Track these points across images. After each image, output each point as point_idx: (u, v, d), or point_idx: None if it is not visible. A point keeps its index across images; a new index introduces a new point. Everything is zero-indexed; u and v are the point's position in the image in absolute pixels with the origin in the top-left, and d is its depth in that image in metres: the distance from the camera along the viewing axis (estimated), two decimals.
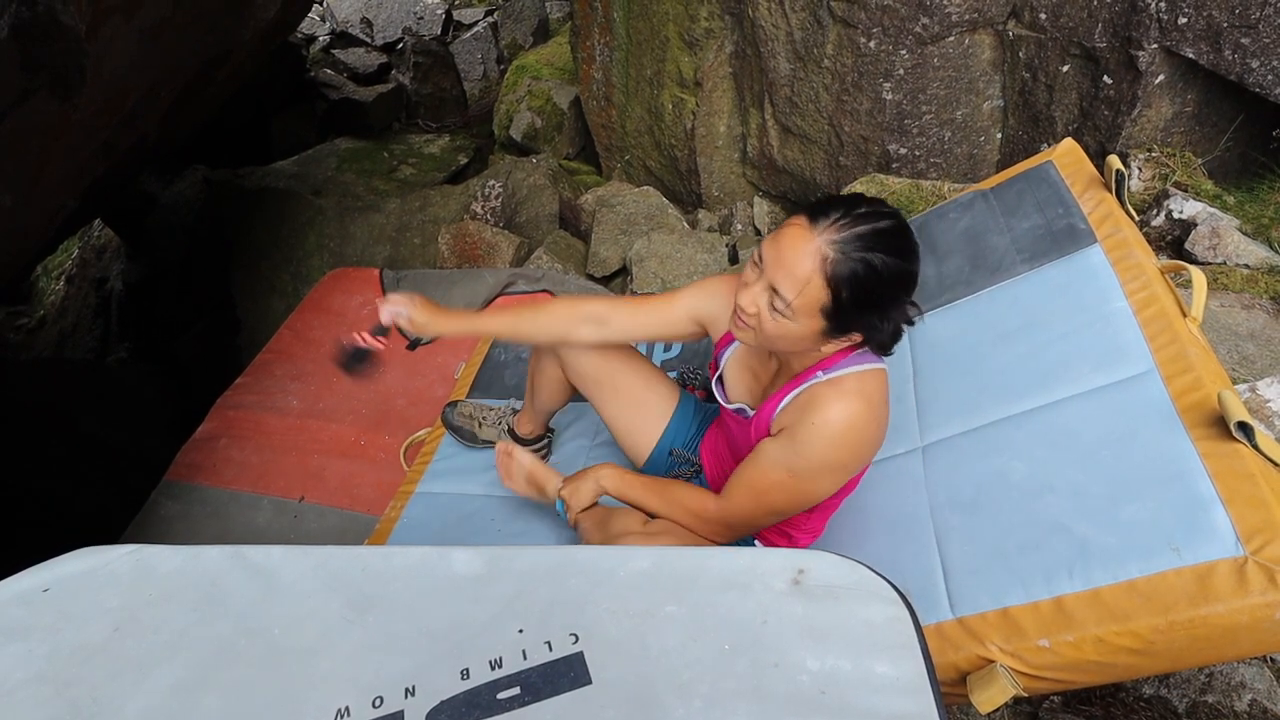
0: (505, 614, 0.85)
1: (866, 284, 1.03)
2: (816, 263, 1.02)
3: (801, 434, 1.15)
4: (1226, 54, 2.28)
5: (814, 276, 1.03)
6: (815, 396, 1.15)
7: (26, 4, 1.47)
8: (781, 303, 1.05)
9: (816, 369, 1.17)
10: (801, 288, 1.03)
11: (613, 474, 1.44)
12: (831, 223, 1.03)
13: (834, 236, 1.02)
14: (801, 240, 1.04)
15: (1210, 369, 1.20)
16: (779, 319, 1.07)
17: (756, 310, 1.09)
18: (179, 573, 0.97)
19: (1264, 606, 0.94)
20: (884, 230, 1.04)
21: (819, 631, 0.75)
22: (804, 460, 1.15)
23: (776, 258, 1.06)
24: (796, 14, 3.11)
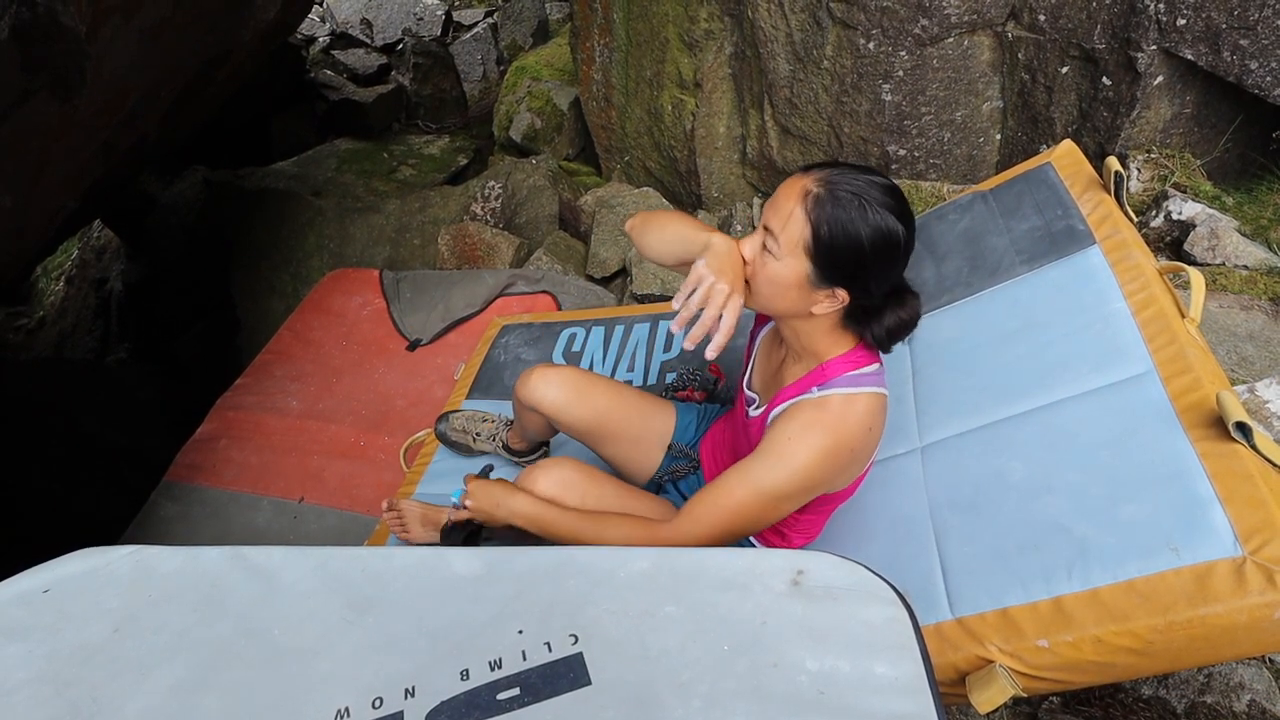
0: (505, 615, 0.85)
1: (844, 222, 1.03)
2: (799, 196, 1.05)
3: (773, 453, 1.15)
4: (1225, 55, 2.29)
5: (795, 208, 1.05)
6: (798, 415, 1.15)
7: (27, 5, 1.48)
8: (771, 240, 1.08)
9: (814, 382, 1.17)
10: (784, 218, 1.06)
11: (528, 507, 1.30)
12: (824, 168, 1.07)
13: (820, 175, 1.06)
14: (793, 181, 1.08)
15: (1209, 369, 1.20)
16: (769, 261, 1.08)
17: (753, 257, 1.10)
18: (179, 573, 0.97)
19: (1263, 606, 0.94)
20: (874, 181, 1.06)
21: (818, 632, 0.75)
22: (772, 480, 1.14)
23: (773, 203, 1.09)
24: (796, 15, 3.12)
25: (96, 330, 5.93)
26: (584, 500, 1.34)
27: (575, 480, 1.36)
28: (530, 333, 2.34)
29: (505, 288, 2.73)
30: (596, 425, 1.56)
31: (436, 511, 1.70)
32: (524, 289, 2.72)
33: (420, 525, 1.70)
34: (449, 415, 2.04)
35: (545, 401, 1.56)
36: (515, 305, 2.65)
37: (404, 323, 2.72)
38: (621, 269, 3.17)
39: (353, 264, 3.84)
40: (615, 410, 1.56)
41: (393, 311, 2.77)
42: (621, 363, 2.13)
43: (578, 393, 1.55)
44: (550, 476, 1.36)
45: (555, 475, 1.36)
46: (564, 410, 1.55)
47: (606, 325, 2.27)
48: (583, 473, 1.38)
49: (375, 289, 2.88)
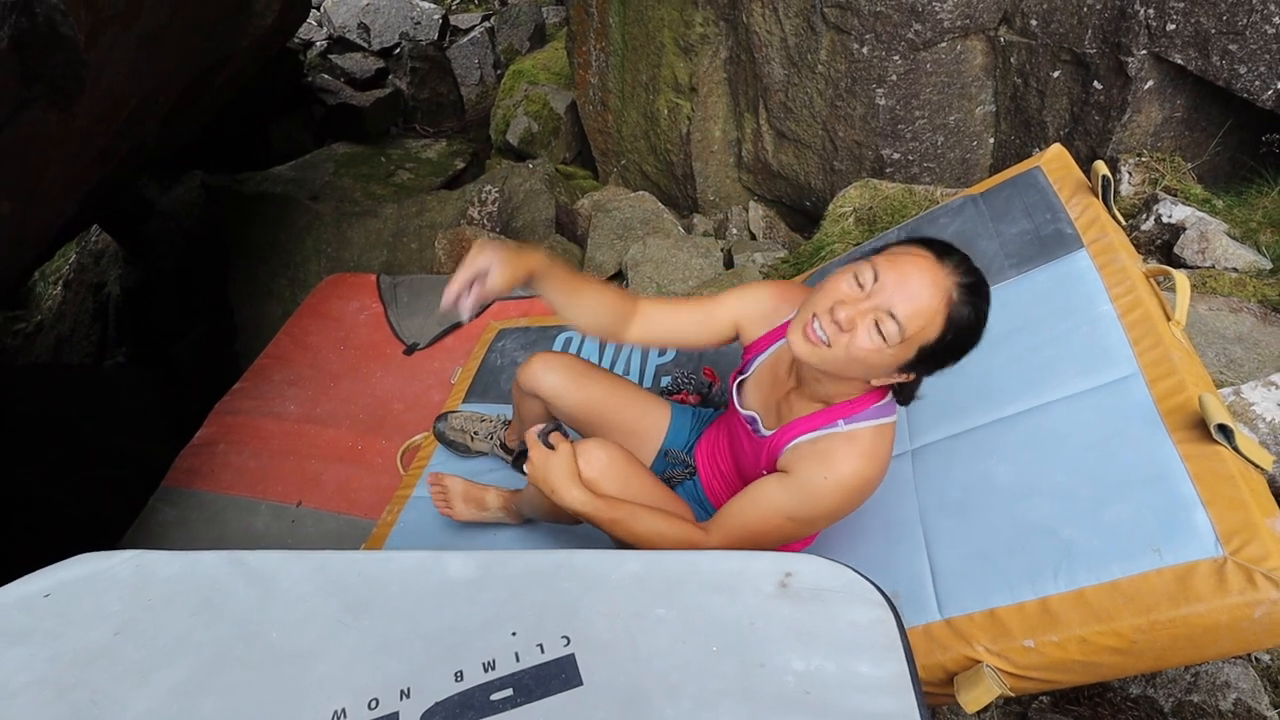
0: (499, 617, 0.87)
1: (969, 331, 1.05)
2: (944, 300, 1.02)
3: (811, 485, 1.16)
4: (1214, 60, 2.31)
5: (938, 313, 1.02)
6: (832, 449, 1.16)
7: (26, 15, 1.49)
8: (893, 327, 1.02)
9: (839, 415, 1.18)
10: (922, 320, 1.02)
11: (584, 504, 1.27)
12: (956, 265, 1.04)
13: (960, 280, 1.03)
14: (931, 273, 1.02)
15: (1193, 372, 1.22)
16: (876, 340, 1.04)
17: (853, 328, 1.04)
18: (179, 578, 0.99)
19: (1243, 606, 0.96)
20: (984, 282, 1.06)
21: (805, 633, 0.77)
22: (806, 509, 1.17)
23: (900, 283, 1.03)
24: (790, 20, 3.14)
25: (94, 334, 5.94)
26: (626, 487, 1.31)
27: (619, 465, 1.32)
28: (526, 336, 2.35)
29: None
30: (593, 412, 1.57)
31: (480, 490, 1.72)
32: (520, 293, 2.73)
33: (463, 502, 1.72)
34: (447, 415, 2.06)
35: (545, 386, 1.57)
36: (512, 309, 2.67)
37: (401, 327, 2.74)
38: (618, 272, 3.19)
39: (350, 268, 3.86)
40: (611, 399, 1.58)
41: (390, 316, 2.79)
42: (616, 366, 2.15)
43: (575, 379, 1.57)
44: (595, 460, 1.30)
45: (600, 459, 1.31)
46: (562, 395, 1.57)
47: None
48: (625, 459, 1.34)
49: (372, 293, 2.90)
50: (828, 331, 1.06)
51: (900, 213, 2.74)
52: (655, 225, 3.38)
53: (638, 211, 3.45)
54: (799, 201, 3.54)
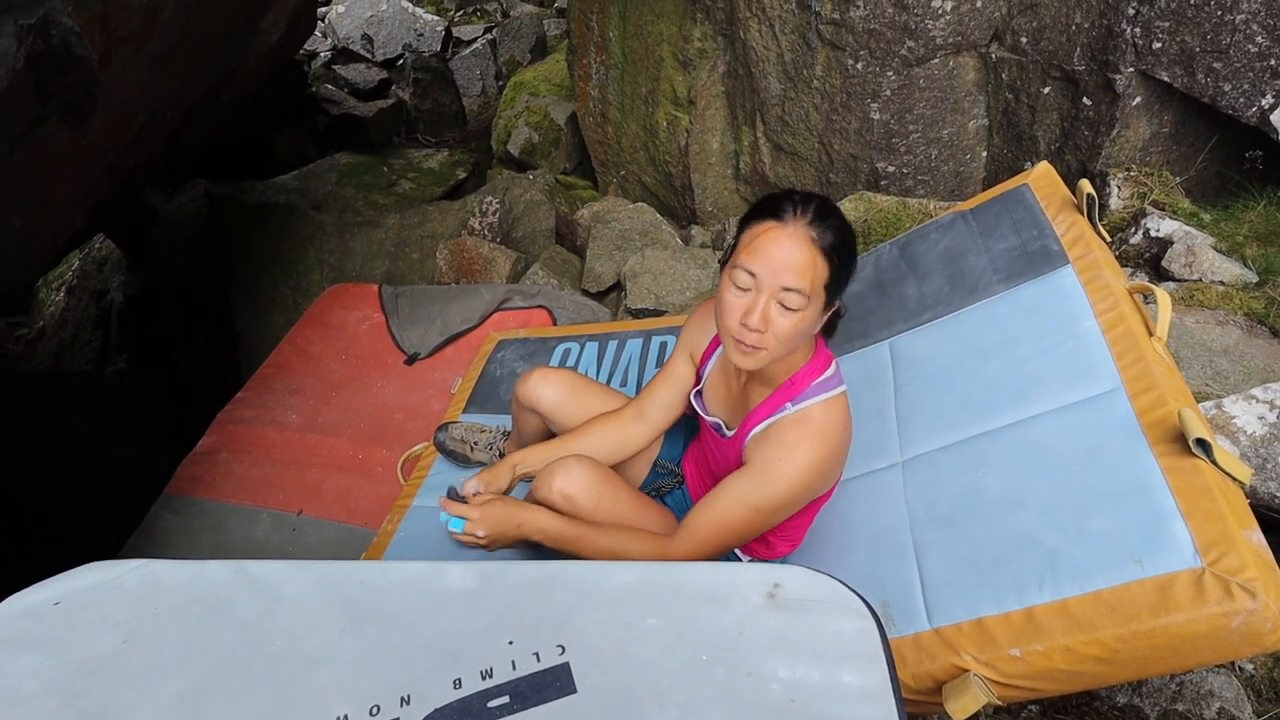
0: (496, 626, 0.90)
1: (845, 243, 1.13)
2: (810, 246, 1.10)
3: (769, 471, 1.21)
4: (1199, 78, 2.35)
5: (814, 257, 1.10)
6: (784, 433, 1.22)
7: (43, 36, 1.53)
8: (796, 297, 1.10)
9: (784, 399, 1.23)
10: (809, 273, 1.10)
11: (552, 525, 1.32)
12: (795, 213, 1.11)
13: (807, 219, 1.11)
14: (785, 237, 1.10)
15: (1173, 386, 1.25)
16: (791, 316, 1.12)
17: (767, 323, 1.12)
18: (185, 586, 1.02)
19: (1221, 616, 0.99)
20: (825, 201, 1.14)
21: (791, 643, 0.80)
22: (769, 496, 1.22)
23: (770, 264, 1.10)
24: (786, 36, 3.19)
25: (96, 341, 5.97)
26: (600, 501, 1.35)
27: (592, 481, 1.36)
28: (525, 348, 2.39)
29: (502, 303, 2.78)
30: None
31: None
32: (520, 304, 2.77)
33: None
34: (448, 425, 2.09)
35: (543, 400, 1.62)
36: (511, 320, 2.70)
37: (402, 337, 2.77)
38: (616, 283, 3.22)
39: (352, 278, 3.89)
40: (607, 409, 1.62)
41: (391, 326, 2.82)
42: (615, 378, 2.18)
43: (573, 393, 1.62)
44: (569, 477, 1.35)
45: (574, 475, 1.35)
46: (559, 409, 1.61)
47: (600, 340, 2.32)
48: (600, 474, 1.38)
49: (374, 303, 2.93)
50: (753, 340, 1.13)
51: (894, 225, 2.78)
52: (653, 237, 3.41)
53: (636, 223, 3.49)
54: None
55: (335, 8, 7.25)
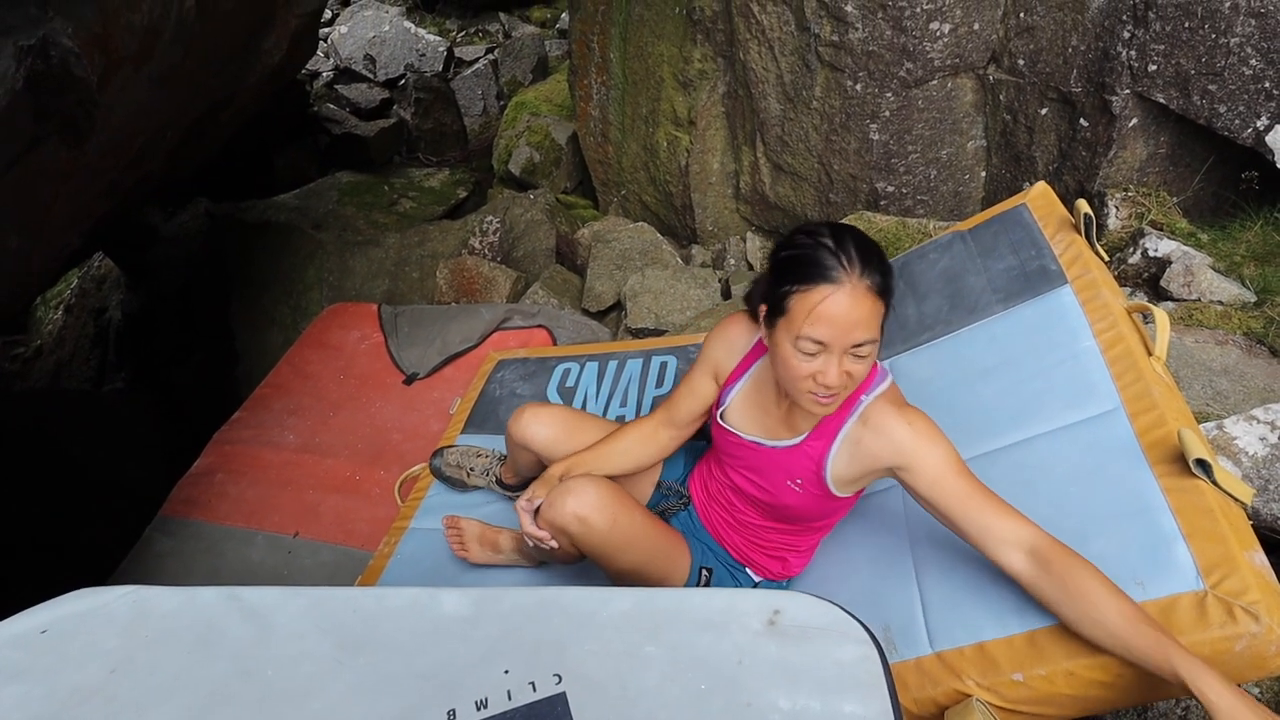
0: (492, 655, 0.88)
1: (887, 266, 1.13)
2: (867, 297, 1.09)
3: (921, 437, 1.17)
4: (1195, 99, 2.37)
5: (874, 304, 1.10)
6: (881, 414, 1.21)
7: (42, 57, 1.54)
8: (869, 345, 1.11)
9: (858, 394, 1.24)
10: (876, 320, 1.11)
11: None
12: (844, 267, 1.09)
13: (859, 270, 1.09)
14: (848, 297, 1.08)
15: (1173, 407, 1.24)
16: (865, 362, 1.13)
17: (844, 380, 1.13)
18: (175, 614, 1.00)
19: (1224, 640, 0.98)
20: (860, 234, 1.14)
21: (791, 671, 0.79)
22: (952, 454, 1.17)
23: (836, 328, 1.09)
24: (786, 58, 3.21)
25: (94, 359, 5.96)
26: (616, 522, 1.32)
27: (607, 502, 1.33)
28: (525, 368, 2.38)
29: (501, 322, 2.77)
30: None
31: (494, 532, 1.77)
32: (520, 324, 2.77)
33: (478, 544, 1.77)
34: (443, 450, 2.07)
35: (537, 440, 1.60)
36: (511, 340, 2.70)
37: (401, 357, 2.77)
38: (616, 303, 3.23)
39: (352, 297, 3.90)
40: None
41: (390, 346, 2.82)
42: (615, 398, 2.17)
43: (568, 431, 1.60)
44: (581, 498, 1.32)
45: (586, 496, 1.32)
46: (554, 448, 1.59)
47: (600, 360, 2.31)
48: (613, 493, 1.35)
49: (373, 323, 2.93)
50: (831, 392, 1.14)
51: (894, 245, 2.79)
52: (654, 256, 3.42)
53: (636, 242, 3.50)
54: None
55: (338, 28, 7.33)
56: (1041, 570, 1.06)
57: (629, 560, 1.36)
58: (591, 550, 1.35)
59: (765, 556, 1.44)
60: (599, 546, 1.33)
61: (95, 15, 1.59)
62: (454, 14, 7.34)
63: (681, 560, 1.44)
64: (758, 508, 1.41)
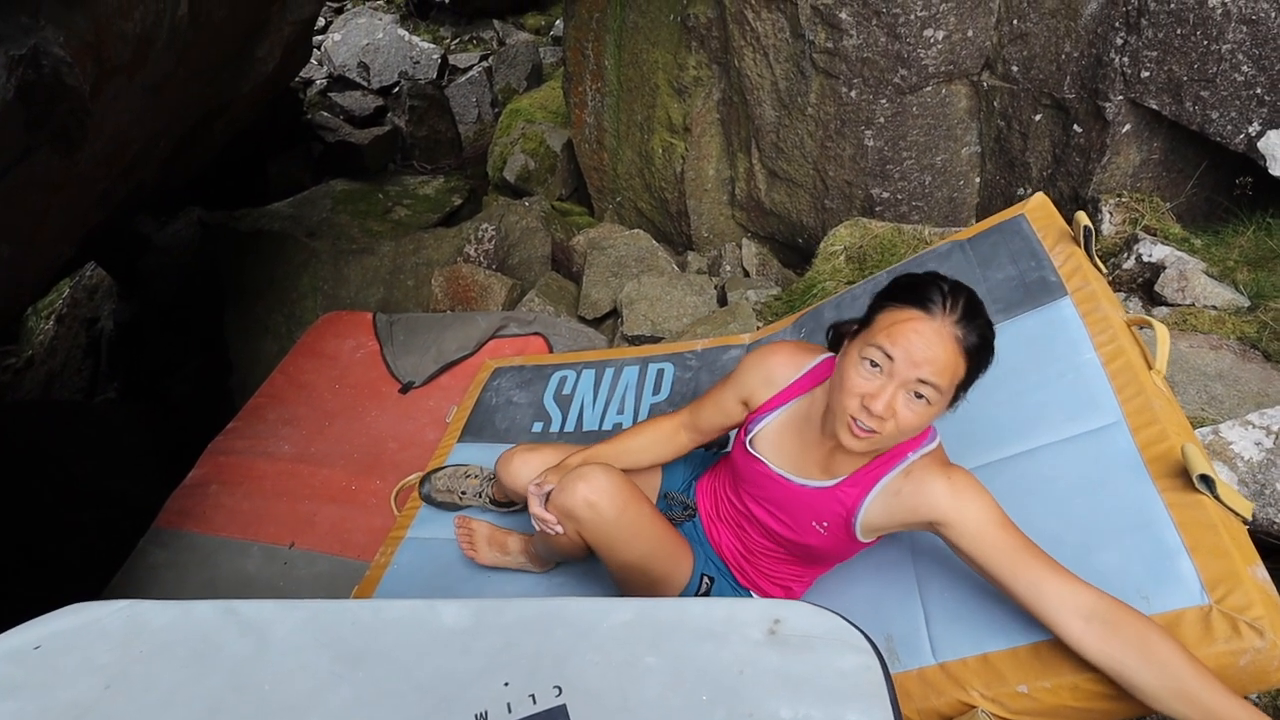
0: (492, 667, 0.87)
1: (986, 348, 1.12)
2: (955, 345, 1.07)
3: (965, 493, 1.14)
4: (1188, 105, 2.38)
5: (957, 357, 1.07)
6: (927, 472, 1.18)
7: (33, 67, 1.53)
8: (931, 390, 1.07)
9: (907, 450, 1.20)
10: (949, 371, 1.07)
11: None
12: (943, 307, 1.08)
13: (955, 317, 1.08)
14: (933, 330, 1.07)
15: (1174, 421, 1.24)
16: (920, 408, 1.09)
17: (893, 412, 1.08)
18: (171, 628, 0.99)
19: (1229, 654, 0.97)
20: (974, 298, 1.12)
21: (793, 681, 0.78)
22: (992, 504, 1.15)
23: (909, 356, 1.07)
24: (780, 65, 3.22)
25: (85, 370, 5.92)
26: (626, 511, 1.32)
27: (618, 491, 1.32)
28: (521, 375, 2.37)
29: (497, 330, 2.76)
30: None
31: (504, 534, 1.76)
32: (516, 331, 2.76)
33: (487, 545, 1.76)
34: (431, 476, 2.02)
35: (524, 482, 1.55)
36: (507, 347, 2.69)
37: (397, 365, 2.75)
38: (613, 310, 3.22)
39: (347, 305, 3.88)
40: None
41: (386, 354, 2.81)
42: (611, 405, 2.17)
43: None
44: (593, 484, 1.31)
45: (599, 483, 1.31)
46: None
47: (597, 368, 2.30)
48: (624, 483, 1.34)
49: (369, 332, 2.92)
50: (871, 424, 1.10)
51: (889, 251, 2.79)
52: (649, 263, 3.42)
53: (632, 249, 3.50)
54: (791, 239, 3.60)
55: (332, 36, 7.34)
56: (1110, 634, 1.00)
57: (634, 552, 1.35)
58: (597, 538, 1.33)
59: (770, 584, 1.43)
60: (606, 534, 1.32)
61: (87, 24, 1.58)
62: (448, 21, 7.36)
63: (684, 562, 1.43)
64: (774, 539, 1.37)
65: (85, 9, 1.58)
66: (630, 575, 1.39)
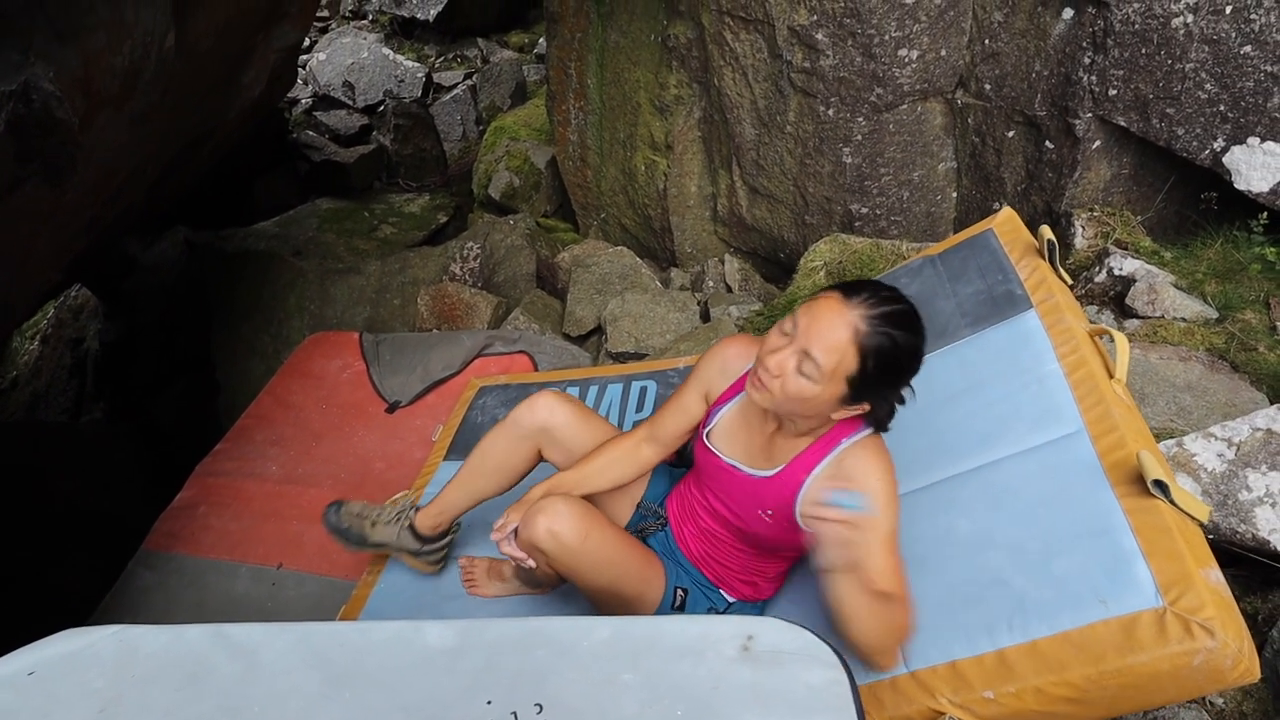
0: (475, 686, 0.90)
1: (889, 357, 1.15)
2: (850, 333, 1.13)
3: (872, 493, 1.19)
4: (1154, 122, 2.45)
5: (848, 346, 1.13)
6: (858, 459, 1.25)
7: (23, 101, 1.56)
8: (812, 366, 1.14)
9: (839, 437, 1.27)
10: (835, 356, 1.13)
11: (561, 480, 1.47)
12: (863, 300, 1.14)
13: (865, 311, 1.14)
14: (836, 312, 1.14)
15: (1133, 427, 1.29)
16: (802, 381, 1.16)
17: (782, 372, 1.17)
18: (163, 653, 1.01)
19: (1183, 655, 1.01)
20: (904, 312, 1.17)
21: (764, 695, 0.81)
22: (888, 517, 1.21)
23: (811, 325, 1.15)
24: (759, 84, 3.29)
25: (71, 390, 5.89)
26: (588, 539, 1.35)
27: (579, 520, 1.35)
28: (507, 394, 2.40)
29: (483, 349, 2.80)
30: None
31: (499, 563, 1.80)
32: (501, 349, 2.79)
33: (486, 577, 1.80)
34: (343, 503, 1.86)
35: (556, 418, 1.61)
36: (493, 366, 2.72)
37: (383, 385, 2.78)
38: (597, 327, 3.26)
39: (333, 325, 3.90)
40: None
41: (372, 374, 2.83)
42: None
43: (582, 420, 1.63)
44: (555, 515, 1.35)
45: (560, 514, 1.35)
46: (566, 428, 1.61)
47: (581, 386, 2.34)
48: (586, 512, 1.38)
49: (355, 352, 2.94)
50: (763, 379, 1.18)
51: (868, 266, 2.85)
52: (633, 280, 3.46)
53: (616, 267, 3.55)
54: (773, 254, 3.65)
55: (316, 55, 7.37)
56: None
57: (602, 577, 1.39)
58: (565, 567, 1.38)
59: (736, 579, 1.48)
60: (571, 563, 1.37)
61: (77, 59, 1.61)
62: (432, 40, 7.41)
63: (656, 580, 1.47)
64: (729, 529, 1.44)
65: (75, 45, 1.61)
66: (602, 598, 1.42)
